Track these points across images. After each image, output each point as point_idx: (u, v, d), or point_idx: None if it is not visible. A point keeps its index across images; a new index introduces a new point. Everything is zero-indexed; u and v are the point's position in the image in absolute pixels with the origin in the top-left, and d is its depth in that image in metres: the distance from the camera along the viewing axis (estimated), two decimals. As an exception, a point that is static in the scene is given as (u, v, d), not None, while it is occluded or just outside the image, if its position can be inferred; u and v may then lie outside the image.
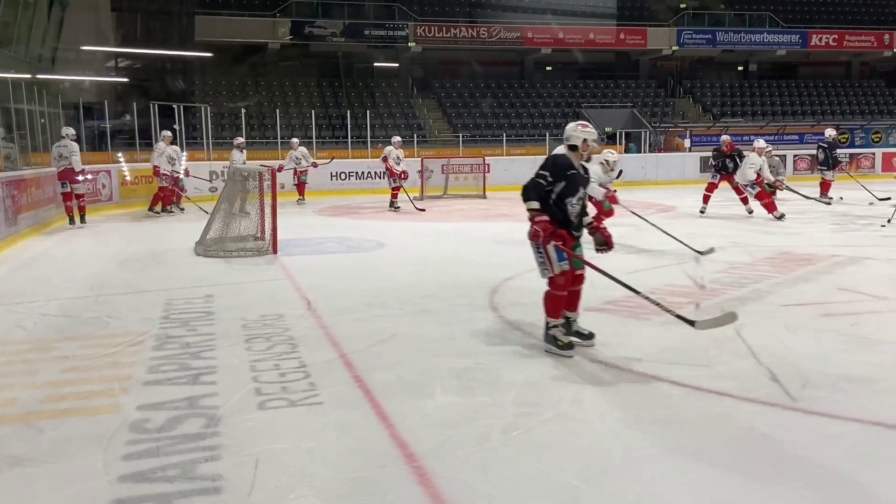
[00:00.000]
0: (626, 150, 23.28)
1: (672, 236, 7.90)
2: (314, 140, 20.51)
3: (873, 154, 23.14)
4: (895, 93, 29.92)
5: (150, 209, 13.23)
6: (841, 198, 14.09)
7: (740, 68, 30.73)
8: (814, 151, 16.44)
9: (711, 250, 7.55)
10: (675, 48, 27.36)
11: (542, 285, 4.44)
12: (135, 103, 18.50)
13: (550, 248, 4.26)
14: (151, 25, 24.74)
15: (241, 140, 14.62)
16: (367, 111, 22.10)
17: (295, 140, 16.19)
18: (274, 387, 3.81)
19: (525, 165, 17.89)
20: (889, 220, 10.10)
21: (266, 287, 6.61)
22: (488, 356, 4.32)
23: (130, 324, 5.20)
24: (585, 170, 4.47)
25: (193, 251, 8.57)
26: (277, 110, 21.38)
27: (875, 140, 26.01)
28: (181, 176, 13.59)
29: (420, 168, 17.24)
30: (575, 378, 3.89)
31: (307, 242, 9.40)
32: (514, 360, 4.23)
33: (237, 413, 3.46)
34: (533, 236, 4.22)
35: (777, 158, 15.84)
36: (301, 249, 8.79)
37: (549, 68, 29.20)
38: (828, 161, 13.99)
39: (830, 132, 14.57)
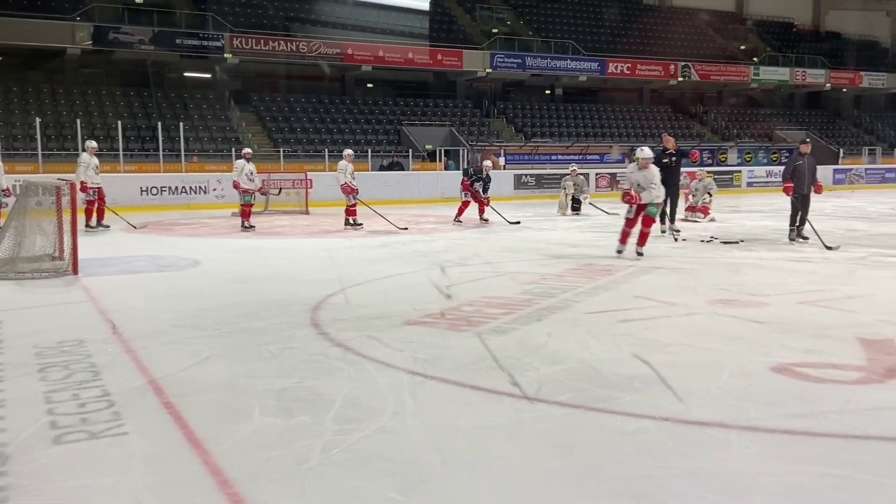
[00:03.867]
0: (446, 167, 24.01)
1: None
2: (121, 152, 19.27)
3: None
4: (679, 117, 33.22)
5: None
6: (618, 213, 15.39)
7: (548, 92, 32.75)
8: (615, 170, 17.80)
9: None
10: (489, 70, 28.64)
11: (366, 301, 4.45)
12: None
13: None
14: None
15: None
16: (181, 123, 21.09)
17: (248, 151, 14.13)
18: (72, 419, 3.52)
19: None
20: (677, 233, 11.14)
21: (64, 311, 6.10)
22: (309, 375, 4.26)
23: None
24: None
25: (-23, 274, 7.73)
26: (79, 120, 19.83)
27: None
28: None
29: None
30: (395, 391, 3.93)
31: (113, 261, 8.79)
32: (336, 377, 4.21)
33: (29, 450, 3.15)
34: None
35: (582, 177, 17.04)
36: (106, 269, 8.20)
37: (369, 85, 29.50)
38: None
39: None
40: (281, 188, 16.87)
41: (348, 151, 13.69)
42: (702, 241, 10.71)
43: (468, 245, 10.65)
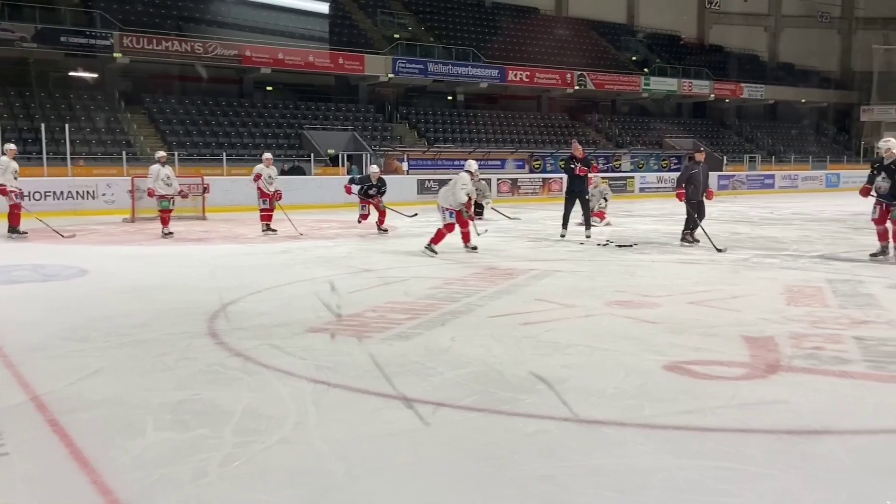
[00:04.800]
0: (349, 172, 23.79)
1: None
2: (-1, 155, 18.08)
3: (561, 178, 26.18)
4: (576, 125, 34.25)
5: None
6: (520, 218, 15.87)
7: (450, 98, 33.08)
8: (515, 176, 18.14)
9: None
10: (391, 75, 28.64)
11: (267, 308, 4.35)
12: None
13: None
14: None
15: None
16: (66, 125, 20.03)
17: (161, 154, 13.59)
18: (-56, 442, 3.27)
19: (247, 185, 17.45)
20: (588, 237, 11.46)
21: (-65, 325, 5.66)
22: (206, 386, 4.12)
23: None
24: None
25: None
26: (-50, 120, 18.51)
27: (561, 167, 29.60)
28: None
29: (131, 188, 16.05)
30: (298, 401, 3.85)
31: (-9, 272, 8.24)
32: (235, 388, 4.09)
33: None
34: None
35: (484, 182, 17.29)
36: (-18, 280, 7.68)
37: (269, 88, 28.91)
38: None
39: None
40: (185, 193, 16.23)
41: (267, 155, 13.39)
42: (598, 244, 11.06)
43: (371, 250, 10.60)
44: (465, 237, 10.21)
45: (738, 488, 2.82)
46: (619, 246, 10.84)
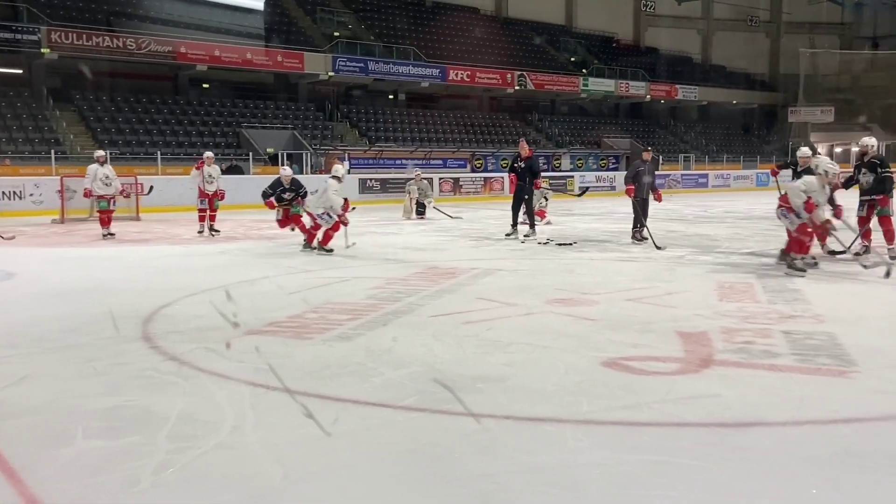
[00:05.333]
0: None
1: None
2: (-83, 154, 17.29)
3: (502, 178, 26.40)
4: (516, 125, 34.57)
5: None
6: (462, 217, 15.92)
7: (391, 97, 32.99)
8: (457, 175, 18.20)
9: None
10: (331, 74, 28.39)
11: (204, 311, 4.26)
12: None
13: None
14: None
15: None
16: (-10, 123, 19.25)
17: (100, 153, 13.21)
18: None
19: (184, 185, 17.05)
20: (528, 236, 11.58)
21: None
22: (139, 392, 4.01)
23: None
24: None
25: None
26: None
27: (503, 166, 29.80)
28: None
29: (60, 188, 15.51)
30: (235, 405, 3.78)
31: None
32: (169, 393, 3.98)
33: None
34: None
35: (426, 182, 17.30)
36: None
37: (205, 86, 28.32)
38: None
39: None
40: (126, 193, 15.71)
41: (208, 154, 12.95)
42: (539, 243, 11.19)
43: (311, 251, 10.48)
44: (327, 239, 10.13)
45: (673, 481, 2.89)
46: (560, 244, 10.98)
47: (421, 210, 16.40)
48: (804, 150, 9.55)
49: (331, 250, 9.98)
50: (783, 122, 45.03)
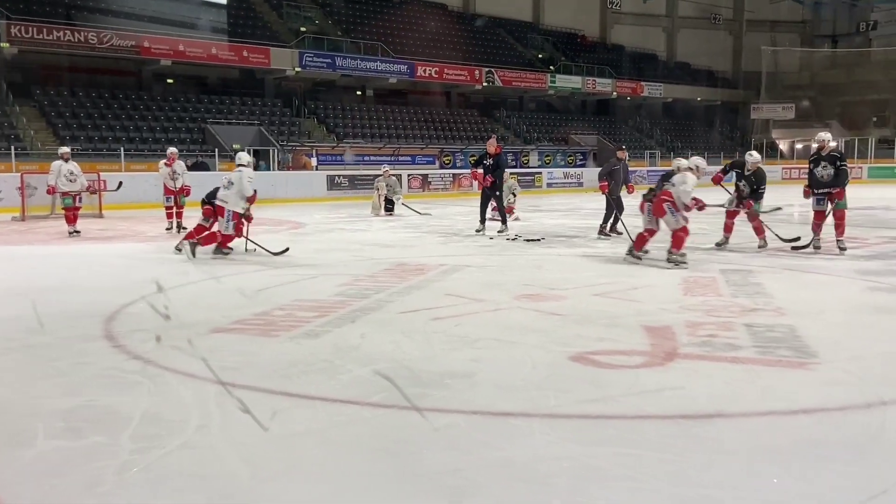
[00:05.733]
0: (256, 168, 23.25)
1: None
2: None
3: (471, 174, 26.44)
4: (485, 121, 34.63)
5: None
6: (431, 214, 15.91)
7: (359, 93, 32.81)
8: (425, 171, 18.18)
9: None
10: (297, 69, 28.16)
11: (169, 309, 4.20)
12: None
13: None
14: None
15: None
16: (-54, 118, 18.75)
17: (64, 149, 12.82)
18: None
19: (148, 182, 16.83)
20: (505, 233, 11.61)
21: None
22: (102, 391, 3.94)
23: None
24: None
25: None
26: None
27: (472, 163, 29.93)
28: None
29: (20, 185, 15.18)
30: (201, 404, 3.73)
31: None
32: (133, 392, 3.92)
33: None
34: None
35: (394, 178, 17.26)
36: None
37: (170, 81, 27.90)
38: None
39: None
40: (93, 189, 15.38)
41: (172, 150, 12.68)
42: (507, 238, 11.23)
43: (278, 247, 10.39)
44: (227, 239, 9.23)
45: (639, 473, 2.93)
46: (528, 240, 11.03)
47: (389, 207, 16.36)
48: (755, 156, 10.21)
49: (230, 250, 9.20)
50: (746, 118, 45.77)
